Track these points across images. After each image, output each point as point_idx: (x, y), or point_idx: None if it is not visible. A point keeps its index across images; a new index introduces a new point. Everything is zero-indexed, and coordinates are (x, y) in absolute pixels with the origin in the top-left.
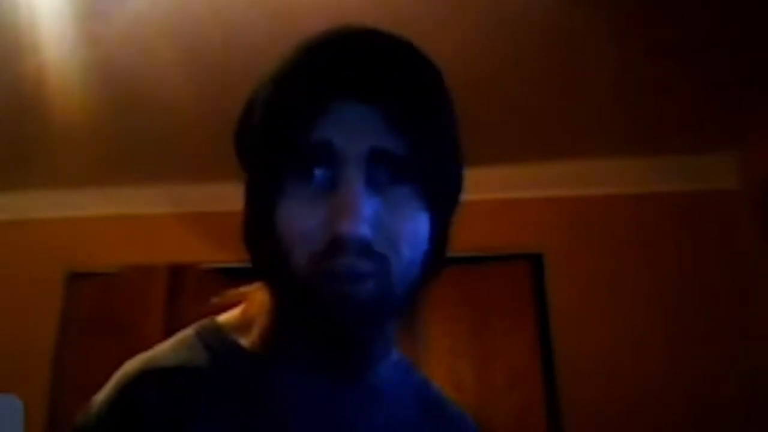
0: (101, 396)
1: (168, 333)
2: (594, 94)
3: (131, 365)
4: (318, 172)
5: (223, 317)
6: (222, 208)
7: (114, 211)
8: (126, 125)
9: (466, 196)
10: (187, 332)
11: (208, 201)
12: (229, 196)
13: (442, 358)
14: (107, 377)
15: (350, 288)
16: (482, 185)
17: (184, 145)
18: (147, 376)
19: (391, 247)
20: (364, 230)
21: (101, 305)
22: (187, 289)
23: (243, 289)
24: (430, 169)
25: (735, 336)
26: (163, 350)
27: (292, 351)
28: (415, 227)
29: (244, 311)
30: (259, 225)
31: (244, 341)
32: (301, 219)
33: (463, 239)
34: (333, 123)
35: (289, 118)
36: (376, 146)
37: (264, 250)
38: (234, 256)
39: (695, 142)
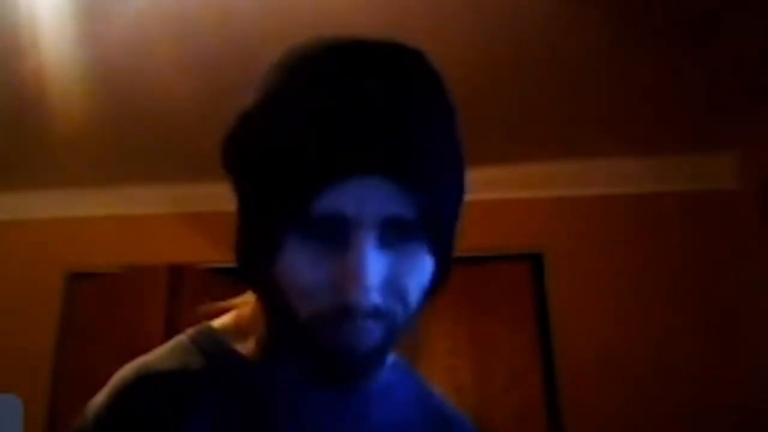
0: (98, 401)
1: (168, 333)
2: (594, 94)
3: (127, 370)
4: (326, 230)
5: (217, 322)
6: (222, 208)
7: (114, 211)
8: (126, 125)
9: (467, 196)
10: (182, 338)
11: (208, 201)
12: (229, 196)
13: (442, 358)
14: (107, 377)
15: (356, 342)
16: (483, 185)
17: (184, 145)
18: (143, 381)
19: (400, 302)
20: (373, 298)
21: (101, 305)
22: (187, 289)
23: (236, 300)
24: (441, 227)
25: (735, 335)
26: (159, 355)
27: (289, 360)
28: (423, 278)
29: (239, 317)
30: (257, 268)
31: (240, 347)
32: (304, 276)
33: (463, 239)
34: (344, 193)
35: (298, 188)
36: (389, 215)
37: (263, 290)
38: (234, 257)
39: (695, 142)
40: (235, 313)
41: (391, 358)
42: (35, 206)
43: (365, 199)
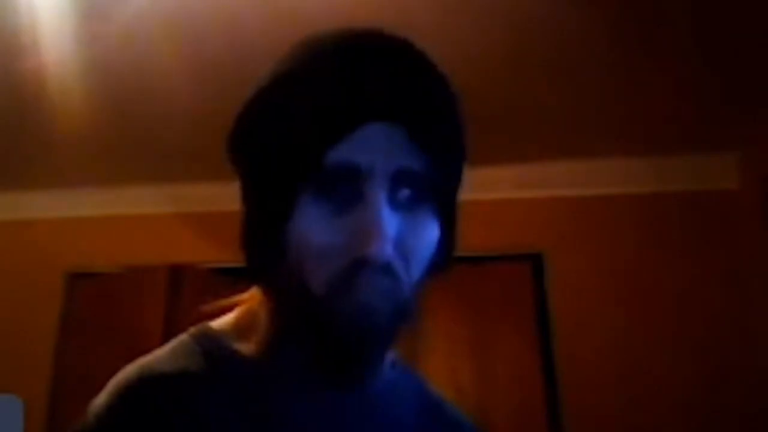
0: (99, 402)
1: (168, 333)
2: (594, 94)
3: (129, 371)
4: (337, 188)
5: (218, 322)
6: (222, 208)
7: (114, 211)
8: (126, 125)
9: (467, 196)
10: (184, 338)
11: (208, 201)
12: (229, 196)
13: (442, 358)
14: (107, 377)
15: (368, 311)
16: (483, 185)
17: (184, 145)
18: (145, 381)
19: (406, 264)
20: (389, 251)
21: (101, 305)
22: (187, 289)
23: (238, 297)
24: (447, 187)
25: (735, 336)
26: (161, 356)
27: (294, 360)
28: (429, 244)
29: (240, 317)
30: (266, 238)
31: (242, 347)
32: (319, 237)
33: (463, 239)
34: (357, 143)
35: (313, 139)
36: (401, 166)
37: (272, 264)
38: (234, 256)
39: (695, 142)
40: (237, 312)
41: (391, 356)
42: (35, 206)
43: (377, 148)
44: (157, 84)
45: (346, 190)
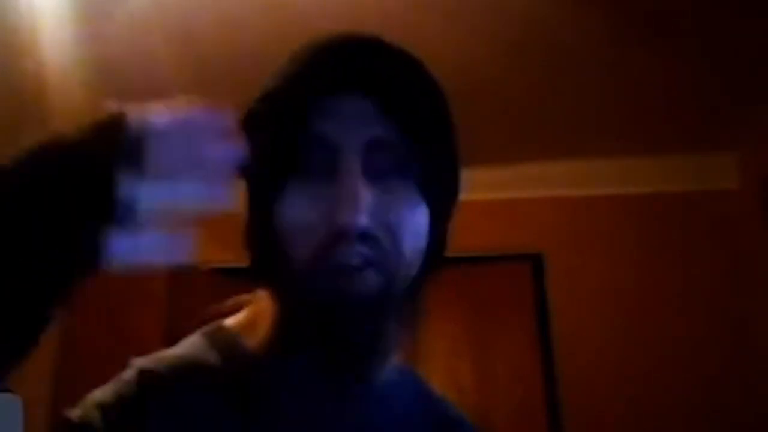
0: (104, 394)
1: (168, 334)
2: (594, 94)
3: (137, 364)
4: (316, 166)
5: (230, 320)
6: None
7: None
8: None
9: (467, 196)
10: (194, 336)
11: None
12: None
13: (442, 358)
14: (107, 377)
15: (351, 280)
16: (483, 185)
17: None
18: (153, 375)
19: (390, 235)
20: (364, 219)
21: (101, 305)
22: (187, 290)
23: (247, 296)
24: (425, 160)
25: (735, 335)
26: (171, 351)
27: (296, 353)
28: (414, 218)
29: (251, 314)
30: (258, 223)
31: (252, 345)
32: (301, 213)
33: (463, 239)
34: (328, 117)
35: (285, 115)
36: (372, 136)
37: (264, 248)
38: (234, 256)
39: (695, 142)
40: (246, 311)
41: (393, 359)
42: None
43: (348, 121)
44: (156, 84)
45: (323, 165)
